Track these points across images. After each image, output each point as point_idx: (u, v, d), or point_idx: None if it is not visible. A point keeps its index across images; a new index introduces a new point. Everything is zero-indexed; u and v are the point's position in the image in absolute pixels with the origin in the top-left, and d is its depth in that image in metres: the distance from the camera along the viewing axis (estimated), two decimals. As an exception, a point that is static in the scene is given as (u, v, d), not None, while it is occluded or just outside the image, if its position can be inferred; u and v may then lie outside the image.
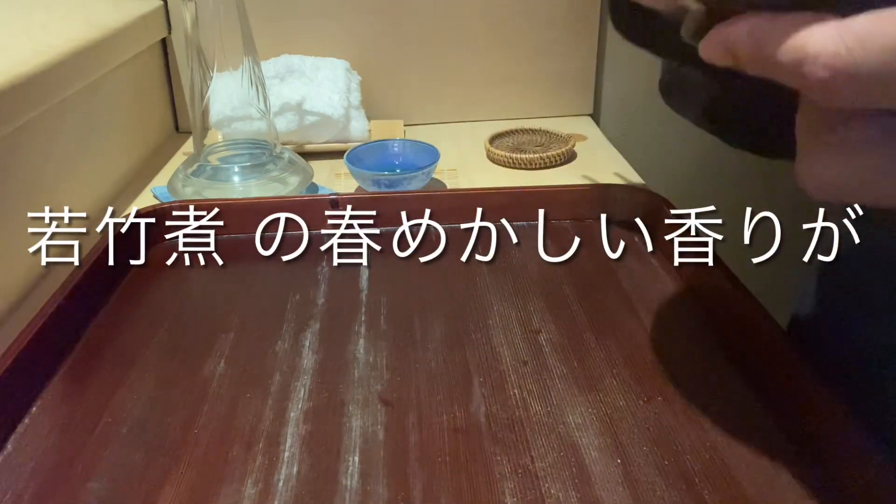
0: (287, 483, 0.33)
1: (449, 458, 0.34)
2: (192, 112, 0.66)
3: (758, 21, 0.21)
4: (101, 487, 0.33)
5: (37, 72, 0.52)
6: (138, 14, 0.76)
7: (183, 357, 0.42)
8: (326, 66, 0.82)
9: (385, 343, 0.43)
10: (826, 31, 0.19)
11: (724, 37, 0.22)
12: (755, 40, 0.21)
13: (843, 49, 0.19)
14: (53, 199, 0.58)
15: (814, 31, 0.20)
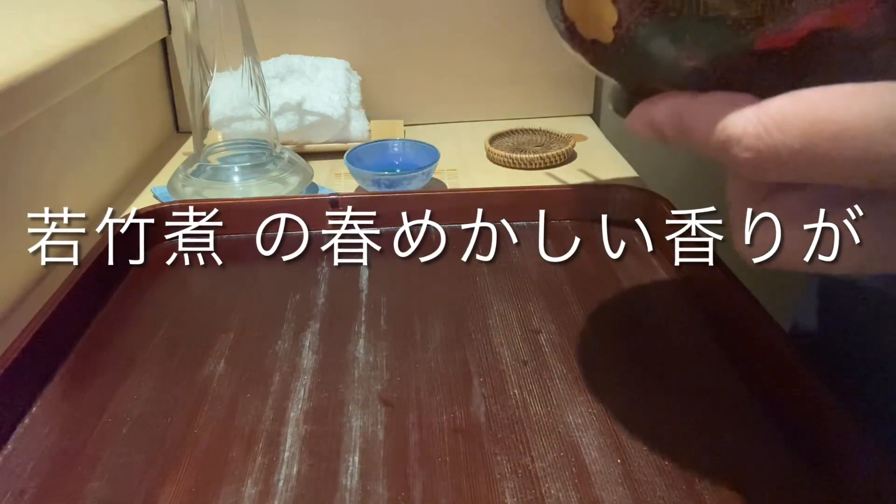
0: (287, 483, 0.33)
1: (449, 458, 0.34)
2: (192, 112, 0.66)
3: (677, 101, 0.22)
4: (101, 487, 0.33)
5: (37, 72, 0.52)
6: (138, 14, 0.76)
7: (183, 357, 0.42)
8: (326, 66, 0.82)
9: (385, 343, 0.43)
10: (746, 115, 0.20)
11: (647, 117, 0.23)
12: (678, 122, 0.22)
13: (763, 132, 0.20)
14: (53, 200, 0.58)
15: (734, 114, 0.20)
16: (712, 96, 0.22)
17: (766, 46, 0.21)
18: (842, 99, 0.19)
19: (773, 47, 0.21)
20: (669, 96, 0.23)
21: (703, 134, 0.22)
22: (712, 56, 0.22)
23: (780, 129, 0.19)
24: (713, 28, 0.21)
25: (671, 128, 0.23)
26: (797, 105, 0.20)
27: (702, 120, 0.22)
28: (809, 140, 0.19)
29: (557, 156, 0.74)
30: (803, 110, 0.19)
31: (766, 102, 0.20)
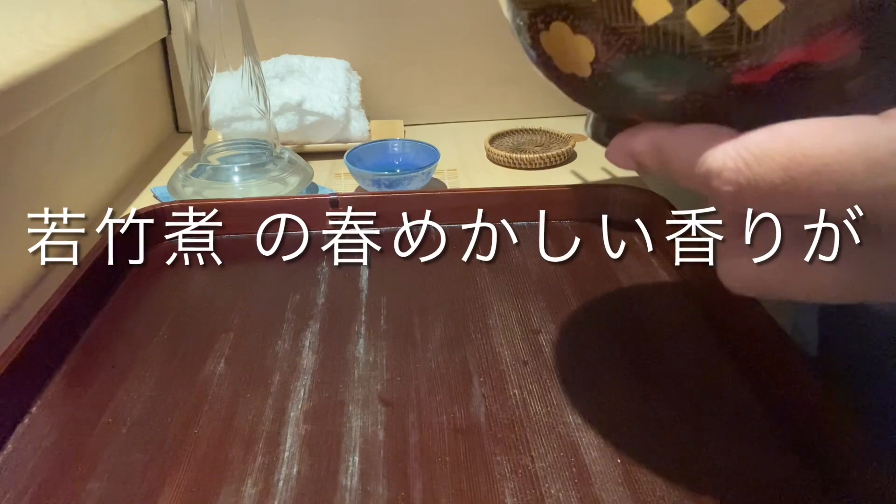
0: (287, 483, 0.33)
1: (449, 458, 0.34)
2: (192, 112, 0.66)
3: (657, 134, 0.23)
4: (101, 487, 0.33)
5: (37, 72, 0.52)
6: (138, 14, 0.76)
7: (183, 357, 0.42)
8: (326, 66, 0.82)
9: (385, 343, 0.43)
10: (726, 149, 0.20)
11: (627, 149, 0.24)
12: (657, 155, 0.23)
13: (742, 166, 0.20)
14: (53, 200, 0.58)
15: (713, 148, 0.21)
16: (691, 129, 0.22)
17: (741, 81, 0.22)
18: (820, 134, 0.19)
19: (748, 82, 0.21)
20: (648, 128, 0.24)
21: (683, 166, 0.22)
22: (689, 91, 0.23)
23: (759, 163, 0.20)
24: (689, 65, 0.22)
25: (651, 160, 0.23)
26: (776, 140, 0.20)
27: (682, 153, 0.22)
28: (789, 175, 0.20)
29: (557, 156, 0.74)
30: (782, 145, 0.20)
31: (746, 137, 0.20)
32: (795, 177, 0.19)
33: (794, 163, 0.19)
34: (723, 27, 0.20)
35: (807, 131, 0.20)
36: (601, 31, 0.23)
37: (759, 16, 0.20)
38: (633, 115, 0.25)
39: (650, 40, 0.22)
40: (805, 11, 0.20)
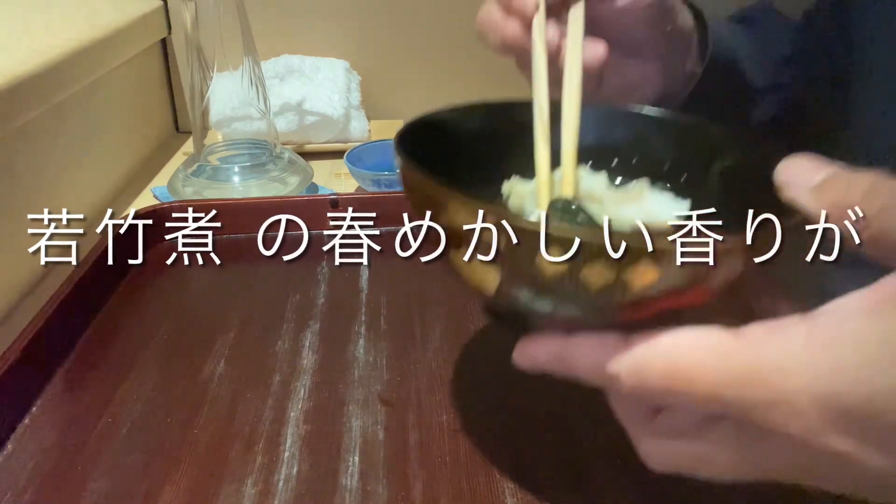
0: (287, 483, 0.33)
1: (449, 458, 0.34)
2: (192, 112, 0.66)
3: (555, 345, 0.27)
4: (101, 487, 0.33)
5: (37, 72, 0.52)
6: (138, 14, 0.76)
7: (183, 357, 0.42)
8: (326, 66, 0.82)
9: (385, 343, 0.43)
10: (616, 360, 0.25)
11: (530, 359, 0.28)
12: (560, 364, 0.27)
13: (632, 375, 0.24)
14: (53, 200, 0.58)
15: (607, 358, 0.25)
16: (585, 340, 0.26)
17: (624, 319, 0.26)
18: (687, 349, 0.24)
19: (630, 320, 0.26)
20: (546, 339, 0.27)
21: (584, 374, 0.26)
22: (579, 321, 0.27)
23: (644, 373, 0.24)
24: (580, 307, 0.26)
25: (554, 367, 0.27)
26: (655, 356, 0.24)
27: (580, 363, 0.26)
28: (667, 384, 0.24)
29: (557, 156, 0.74)
30: (660, 362, 0.24)
31: (632, 350, 0.24)
32: (673, 386, 0.24)
33: (671, 374, 0.24)
34: (610, 285, 0.25)
35: (678, 346, 0.24)
36: (506, 270, 0.27)
37: (638, 278, 0.24)
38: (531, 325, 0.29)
39: (548, 285, 0.26)
40: (674, 275, 0.24)
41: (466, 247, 0.27)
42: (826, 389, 0.22)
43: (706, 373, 0.23)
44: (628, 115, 0.39)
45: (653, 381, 0.24)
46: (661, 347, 0.24)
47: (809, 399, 0.22)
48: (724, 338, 0.24)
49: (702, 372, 0.23)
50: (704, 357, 0.23)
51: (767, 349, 0.23)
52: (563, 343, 0.27)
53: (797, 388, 0.22)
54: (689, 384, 0.23)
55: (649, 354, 0.24)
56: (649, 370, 0.24)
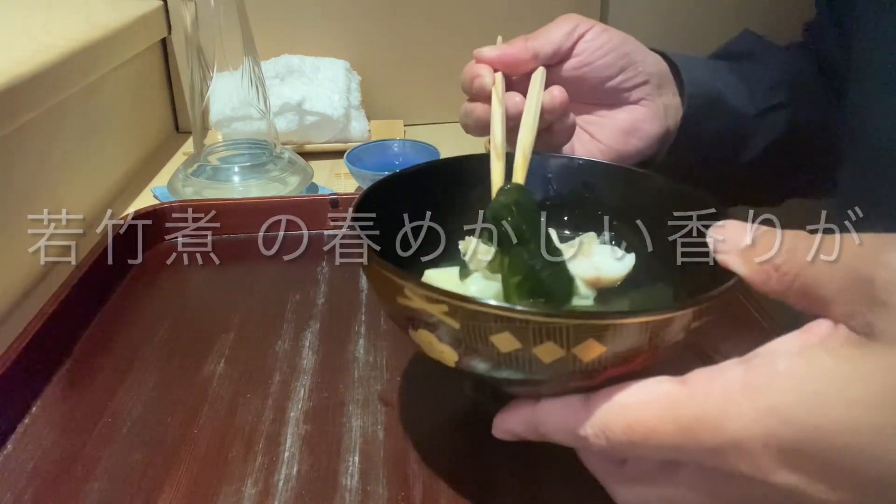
0: (287, 483, 0.33)
1: (449, 458, 0.34)
2: (192, 112, 0.66)
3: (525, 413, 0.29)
4: (101, 487, 0.33)
5: (37, 72, 0.52)
6: (138, 14, 0.76)
7: (183, 357, 0.42)
8: (326, 66, 0.82)
9: (385, 343, 0.43)
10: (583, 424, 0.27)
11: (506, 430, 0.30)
12: (533, 431, 0.29)
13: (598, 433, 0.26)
14: (53, 200, 0.58)
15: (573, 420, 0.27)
16: (551, 406, 0.28)
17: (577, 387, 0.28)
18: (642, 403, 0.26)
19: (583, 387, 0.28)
20: (516, 409, 0.30)
21: (556, 438, 0.28)
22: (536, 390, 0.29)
23: (607, 432, 0.26)
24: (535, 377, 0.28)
25: (530, 435, 0.29)
26: (614, 413, 0.26)
27: (550, 427, 0.28)
28: (629, 439, 0.26)
29: (557, 156, 0.74)
30: (619, 418, 0.26)
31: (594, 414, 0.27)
32: (634, 440, 0.26)
33: (629, 431, 0.26)
34: (561, 360, 0.26)
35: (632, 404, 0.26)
36: (462, 349, 0.28)
37: (587, 353, 0.26)
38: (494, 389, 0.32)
39: (503, 360, 0.27)
40: (618, 348, 0.26)
41: (423, 327, 0.29)
42: (765, 429, 0.23)
43: (660, 424, 0.25)
44: (577, 165, 0.41)
45: (615, 438, 0.26)
46: (618, 406, 0.26)
47: (752, 440, 0.23)
48: (671, 388, 0.26)
49: (656, 423, 0.25)
50: (656, 410, 0.25)
51: (710, 395, 0.25)
52: (532, 411, 0.29)
53: (739, 430, 0.24)
54: (646, 437, 0.25)
55: (609, 414, 0.26)
56: (611, 428, 0.26)
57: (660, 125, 0.49)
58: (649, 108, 0.49)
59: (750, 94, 0.53)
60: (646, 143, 0.49)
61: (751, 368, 0.24)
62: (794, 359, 0.24)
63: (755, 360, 0.25)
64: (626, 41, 0.48)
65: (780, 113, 0.54)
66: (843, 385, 0.23)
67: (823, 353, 0.24)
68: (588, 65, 0.46)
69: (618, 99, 0.48)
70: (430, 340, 0.29)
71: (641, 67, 0.48)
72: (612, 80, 0.47)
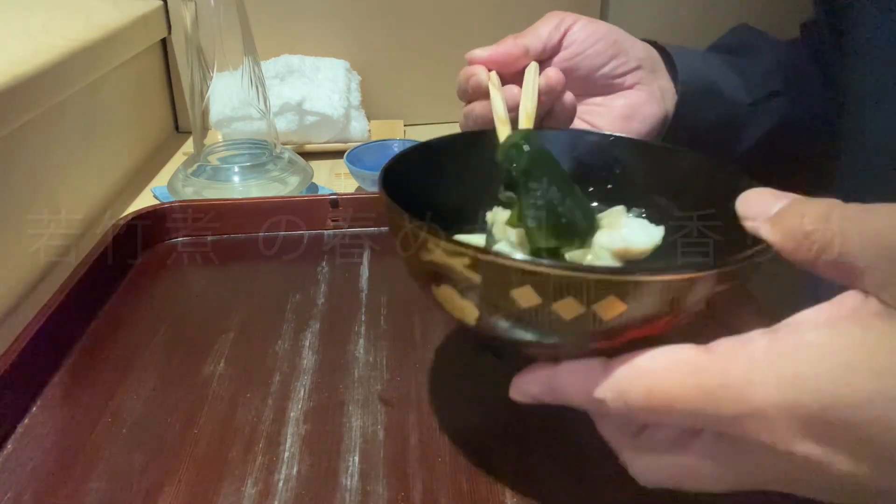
0: (287, 483, 0.33)
1: (449, 458, 0.34)
2: (192, 112, 0.66)
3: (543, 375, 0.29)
4: (101, 487, 0.33)
5: (37, 72, 0.52)
6: (138, 14, 0.76)
7: (183, 357, 0.42)
8: (326, 66, 0.82)
9: (385, 343, 0.43)
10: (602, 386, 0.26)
11: (525, 393, 0.30)
12: (551, 394, 0.29)
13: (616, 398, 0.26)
14: (53, 200, 0.58)
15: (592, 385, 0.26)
16: (571, 368, 0.28)
17: (596, 348, 0.27)
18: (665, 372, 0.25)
19: (602, 348, 0.27)
20: (535, 371, 0.29)
21: (574, 400, 0.28)
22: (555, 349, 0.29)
23: (627, 396, 0.26)
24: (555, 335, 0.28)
25: (548, 398, 0.29)
26: (636, 380, 0.26)
27: (568, 390, 0.28)
28: (649, 402, 0.25)
29: (557, 156, 0.74)
30: (640, 383, 0.26)
31: (614, 375, 0.26)
32: (654, 405, 0.25)
33: (649, 396, 0.25)
34: (581, 317, 0.26)
35: (654, 368, 0.25)
36: (483, 304, 0.28)
37: (608, 311, 0.26)
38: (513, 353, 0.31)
39: (523, 317, 0.27)
40: (641, 307, 0.26)
41: (446, 282, 0.29)
42: (789, 398, 0.23)
43: (682, 391, 0.25)
44: (603, 140, 0.41)
45: (635, 402, 0.26)
46: (639, 370, 0.26)
47: (775, 409, 0.23)
48: (695, 355, 0.25)
49: (678, 390, 0.25)
50: (679, 376, 0.25)
51: (734, 363, 0.24)
52: (551, 373, 0.28)
53: (763, 399, 0.23)
54: (667, 403, 0.25)
55: (630, 378, 0.26)
56: (631, 393, 0.26)
57: (658, 107, 0.49)
58: (646, 92, 0.49)
59: (744, 83, 0.53)
60: (647, 125, 0.49)
61: (777, 338, 0.24)
62: (822, 330, 0.24)
63: (782, 330, 0.24)
64: (612, 30, 0.48)
65: (776, 103, 0.54)
66: (873, 356, 0.22)
67: (853, 324, 0.23)
68: (579, 55, 0.47)
69: (612, 86, 0.49)
70: (452, 297, 0.29)
71: (632, 53, 0.48)
72: (603, 67, 0.48)
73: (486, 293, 0.28)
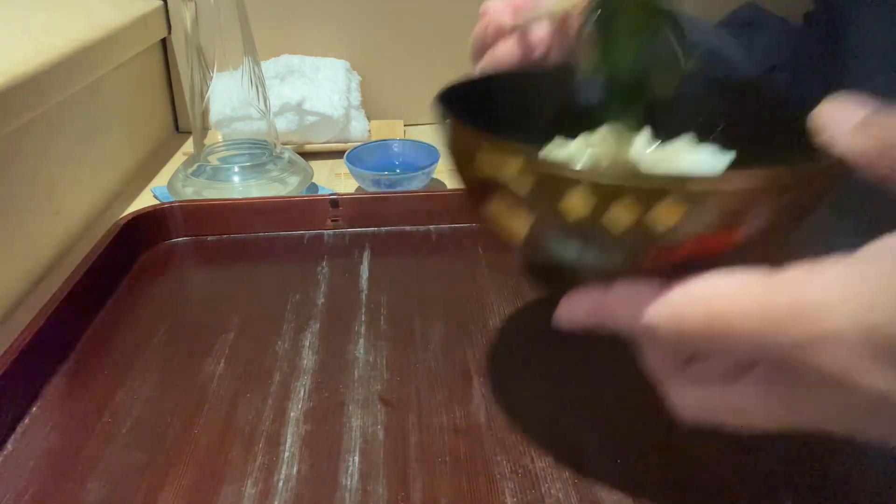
0: (287, 483, 0.33)
1: (449, 458, 0.34)
2: (192, 112, 0.66)
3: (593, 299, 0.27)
4: (101, 487, 0.33)
5: (37, 72, 0.52)
6: (138, 14, 0.76)
7: (183, 357, 0.42)
8: (326, 66, 0.82)
9: (385, 343, 0.43)
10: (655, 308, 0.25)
11: (571, 316, 0.28)
12: (599, 318, 0.27)
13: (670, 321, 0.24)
14: (53, 199, 0.58)
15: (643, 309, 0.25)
16: (623, 290, 0.26)
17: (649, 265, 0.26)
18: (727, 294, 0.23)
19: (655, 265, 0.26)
20: (585, 294, 0.27)
21: (622, 324, 0.26)
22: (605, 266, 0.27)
23: (682, 320, 0.24)
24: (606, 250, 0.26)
25: (594, 321, 0.27)
26: (692, 301, 0.24)
27: (618, 314, 0.26)
28: (707, 326, 0.23)
29: (557, 156, 0.74)
30: (699, 307, 0.24)
31: (669, 297, 0.24)
32: (713, 328, 0.23)
33: (708, 319, 0.23)
34: (634, 226, 0.24)
35: (715, 290, 0.24)
36: (532, 216, 0.27)
37: (664, 218, 0.24)
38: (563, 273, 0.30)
39: (573, 229, 0.26)
40: (699, 217, 0.24)
41: (496, 193, 0.27)
42: (867, 324, 0.21)
43: (745, 315, 0.23)
44: None
45: (691, 326, 0.24)
46: (698, 292, 0.24)
47: (850, 332, 0.21)
48: (762, 279, 0.23)
49: (740, 314, 0.23)
50: (743, 299, 0.23)
51: (807, 287, 0.22)
52: (601, 295, 0.27)
53: (837, 324, 0.21)
54: (727, 327, 0.23)
55: (687, 299, 0.24)
56: (689, 315, 0.24)
57: None
58: None
59: (749, 55, 0.53)
60: None
61: (856, 263, 0.22)
62: None
63: (859, 254, 0.23)
64: None
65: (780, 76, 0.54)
66: None
67: None
68: None
69: None
70: (502, 210, 0.28)
71: None
72: None
73: (536, 201, 0.26)
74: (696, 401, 0.27)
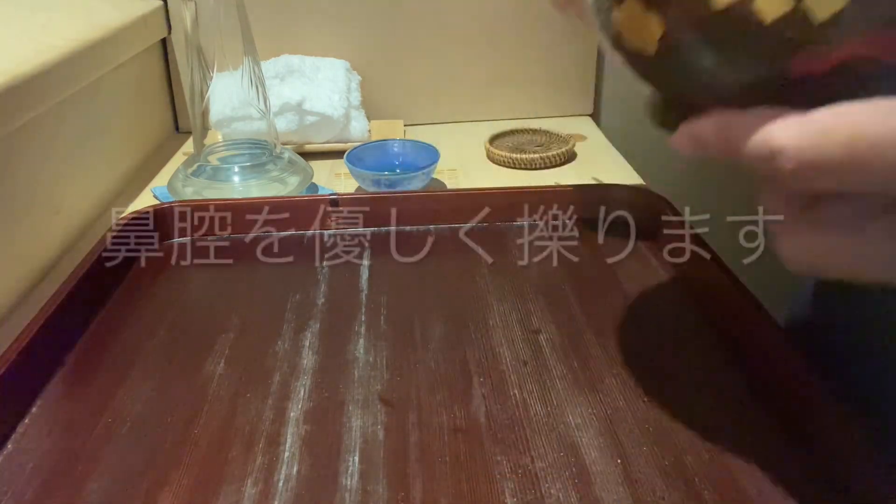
0: (287, 483, 0.33)
1: (449, 458, 0.34)
2: (192, 112, 0.66)
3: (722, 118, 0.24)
4: (101, 487, 0.33)
5: (37, 72, 0.52)
6: (138, 14, 0.76)
7: (183, 357, 0.42)
8: (326, 66, 0.82)
9: (385, 343, 0.43)
10: (789, 126, 0.22)
11: (693, 133, 0.25)
12: (723, 137, 0.24)
13: (805, 143, 0.21)
14: (53, 199, 0.58)
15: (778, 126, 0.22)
16: (756, 111, 0.23)
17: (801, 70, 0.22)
18: (881, 113, 0.20)
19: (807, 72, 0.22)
20: (714, 112, 0.24)
21: (750, 149, 0.23)
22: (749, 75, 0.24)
23: (822, 141, 0.21)
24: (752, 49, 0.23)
25: (716, 141, 0.24)
26: (838, 119, 0.21)
27: (746, 133, 0.23)
28: (850, 151, 0.20)
29: (557, 156, 0.74)
30: (844, 124, 0.21)
31: (809, 115, 0.21)
32: (857, 154, 0.20)
33: (856, 140, 0.20)
34: (787, 15, 0.21)
35: (868, 110, 0.21)
36: (671, 10, 0.24)
37: (823, 7, 0.21)
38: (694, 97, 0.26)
39: (717, 23, 0.23)
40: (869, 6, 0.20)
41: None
42: None
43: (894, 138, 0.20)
44: None
45: (832, 150, 0.21)
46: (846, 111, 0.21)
47: None
48: None
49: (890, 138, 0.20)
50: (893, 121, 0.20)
51: None
52: (730, 115, 0.24)
53: None
54: (872, 153, 0.20)
55: (831, 118, 0.21)
56: (828, 139, 0.21)
57: None
58: None
59: None
60: None
61: None
62: None
63: None
64: None
65: None
66: None
67: None
68: None
69: None
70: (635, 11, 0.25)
71: None
72: None
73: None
74: (813, 247, 0.24)
